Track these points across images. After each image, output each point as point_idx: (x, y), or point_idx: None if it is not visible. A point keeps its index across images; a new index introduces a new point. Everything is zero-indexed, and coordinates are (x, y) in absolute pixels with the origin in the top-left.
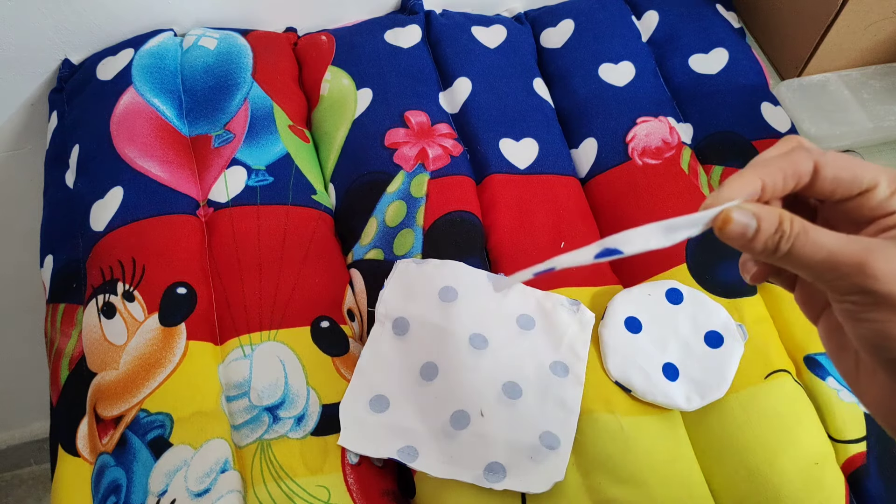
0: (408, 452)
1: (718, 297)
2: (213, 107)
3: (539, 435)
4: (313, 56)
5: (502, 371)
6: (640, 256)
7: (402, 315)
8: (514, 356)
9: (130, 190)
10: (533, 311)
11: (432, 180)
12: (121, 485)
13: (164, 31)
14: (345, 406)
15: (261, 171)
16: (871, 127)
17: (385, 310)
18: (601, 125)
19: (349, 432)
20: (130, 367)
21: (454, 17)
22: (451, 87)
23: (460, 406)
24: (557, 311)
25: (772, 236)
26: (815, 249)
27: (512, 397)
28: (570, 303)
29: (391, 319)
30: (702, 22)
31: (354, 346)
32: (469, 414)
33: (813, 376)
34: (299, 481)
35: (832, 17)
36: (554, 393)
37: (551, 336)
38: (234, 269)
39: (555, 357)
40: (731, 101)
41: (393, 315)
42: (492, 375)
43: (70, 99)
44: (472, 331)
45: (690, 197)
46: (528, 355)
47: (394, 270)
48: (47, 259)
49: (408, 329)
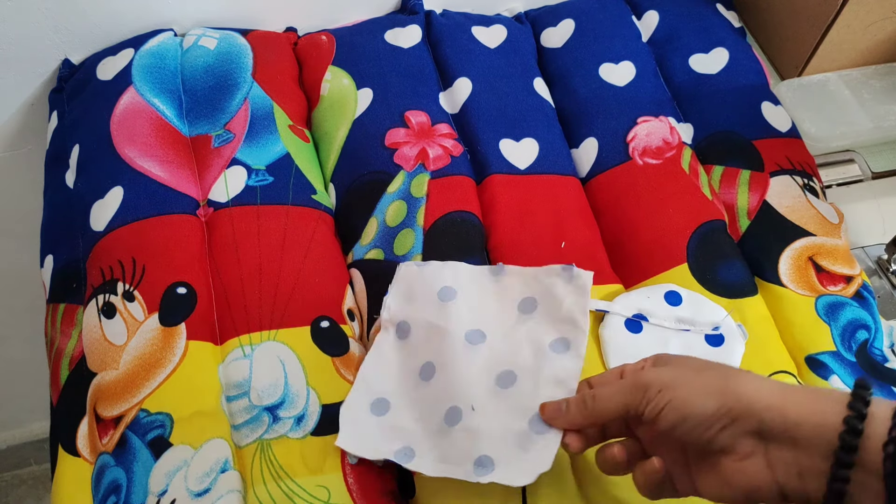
0: (404, 453)
1: (719, 296)
2: (213, 107)
3: (529, 419)
4: (313, 56)
5: (498, 362)
6: (640, 256)
7: (404, 319)
8: (513, 344)
9: (130, 190)
10: (533, 290)
11: (433, 180)
12: (121, 485)
13: (164, 31)
14: (345, 409)
15: (261, 171)
16: (871, 127)
17: (389, 315)
18: (602, 125)
19: (347, 434)
20: (130, 367)
21: (454, 17)
22: (451, 88)
23: (453, 402)
24: (554, 284)
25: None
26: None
27: (504, 386)
28: (563, 269)
29: (395, 324)
30: (702, 22)
31: (354, 346)
32: (461, 409)
33: (815, 376)
34: (299, 481)
35: (832, 17)
36: (549, 372)
37: (551, 313)
38: (234, 269)
39: (555, 335)
40: (731, 101)
41: (396, 319)
42: (486, 368)
43: (70, 99)
44: (469, 327)
45: (691, 197)
46: (528, 340)
47: (396, 274)
48: (47, 259)
49: (409, 332)
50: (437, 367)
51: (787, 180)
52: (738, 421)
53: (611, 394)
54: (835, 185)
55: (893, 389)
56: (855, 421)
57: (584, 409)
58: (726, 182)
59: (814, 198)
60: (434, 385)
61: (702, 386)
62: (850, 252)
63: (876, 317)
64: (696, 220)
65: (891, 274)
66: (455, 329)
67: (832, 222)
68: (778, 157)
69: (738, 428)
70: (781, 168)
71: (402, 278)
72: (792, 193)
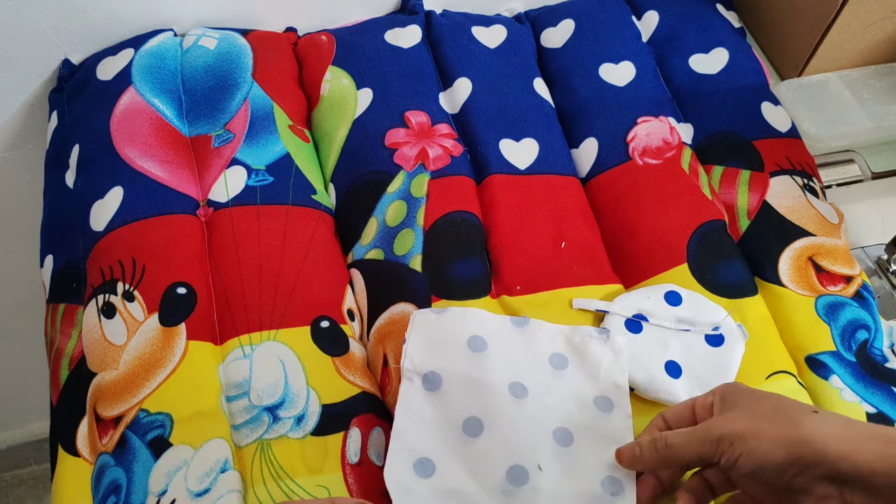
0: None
1: (719, 296)
2: (213, 107)
3: (601, 482)
4: (313, 56)
5: (549, 417)
6: (640, 256)
7: (431, 369)
8: (557, 400)
9: (130, 190)
10: (563, 348)
11: (432, 180)
12: (121, 485)
13: (164, 31)
14: (389, 473)
15: (261, 171)
16: (871, 127)
17: (412, 365)
18: (602, 125)
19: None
20: (130, 367)
21: (454, 17)
22: (451, 88)
23: (516, 461)
24: (588, 344)
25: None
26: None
27: (565, 444)
28: (599, 332)
29: (420, 375)
30: (702, 22)
31: (354, 346)
32: (526, 469)
33: (815, 376)
34: (299, 481)
35: (832, 17)
36: (602, 431)
37: (587, 371)
38: (234, 269)
39: (596, 392)
40: (731, 101)
41: (422, 370)
42: (540, 423)
43: (70, 99)
44: (510, 379)
45: (691, 197)
46: (570, 397)
47: (412, 322)
48: (47, 259)
49: (440, 383)
50: (484, 423)
51: (787, 180)
52: (811, 468)
53: (684, 443)
54: (835, 185)
55: (893, 389)
56: None
57: (655, 453)
58: (726, 182)
59: (814, 198)
60: (485, 441)
61: (773, 437)
62: (850, 252)
63: (876, 317)
64: (696, 220)
65: (891, 274)
66: (495, 381)
67: (832, 222)
68: (778, 157)
69: (811, 474)
70: (781, 168)
71: (420, 326)
72: (792, 193)
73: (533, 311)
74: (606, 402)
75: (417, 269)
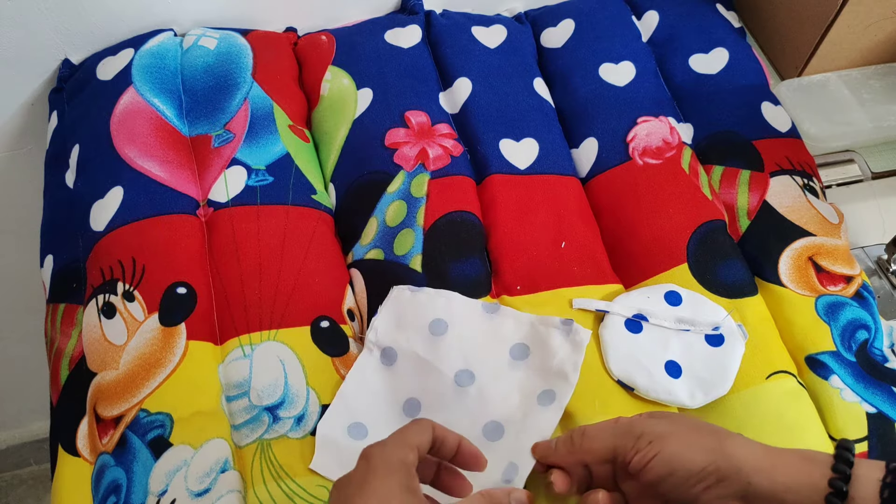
0: None
1: (719, 296)
2: (213, 107)
3: (503, 470)
4: (313, 56)
5: (486, 409)
6: (640, 256)
7: (390, 345)
8: (503, 391)
9: (130, 190)
10: (527, 337)
11: (432, 180)
12: (121, 485)
13: (164, 31)
14: (322, 428)
15: (261, 171)
16: (871, 127)
17: (375, 337)
18: (602, 125)
19: (323, 456)
20: (130, 367)
21: (454, 17)
22: (451, 88)
23: None
24: (551, 335)
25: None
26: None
27: (492, 439)
28: (564, 323)
29: (380, 348)
30: (702, 22)
31: (354, 346)
32: None
33: (815, 376)
34: (299, 481)
35: (832, 17)
36: (532, 423)
37: (543, 363)
38: (234, 269)
39: (545, 385)
40: (731, 101)
41: (382, 343)
42: (474, 415)
43: (70, 99)
44: (459, 367)
45: (691, 197)
46: (517, 389)
47: (388, 297)
48: (47, 259)
49: (395, 360)
50: (422, 406)
51: (787, 180)
52: (726, 481)
53: (601, 433)
54: (835, 185)
55: (893, 389)
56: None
57: (570, 445)
58: (726, 182)
59: (814, 198)
60: None
61: (694, 442)
62: (850, 252)
63: (876, 317)
64: (696, 220)
65: (891, 274)
66: (444, 367)
67: (832, 222)
68: (778, 157)
69: (724, 489)
70: (781, 168)
71: (393, 301)
72: (792, 193)
73: (533, 311)
74: (550, 396)
75: (417, 269)
